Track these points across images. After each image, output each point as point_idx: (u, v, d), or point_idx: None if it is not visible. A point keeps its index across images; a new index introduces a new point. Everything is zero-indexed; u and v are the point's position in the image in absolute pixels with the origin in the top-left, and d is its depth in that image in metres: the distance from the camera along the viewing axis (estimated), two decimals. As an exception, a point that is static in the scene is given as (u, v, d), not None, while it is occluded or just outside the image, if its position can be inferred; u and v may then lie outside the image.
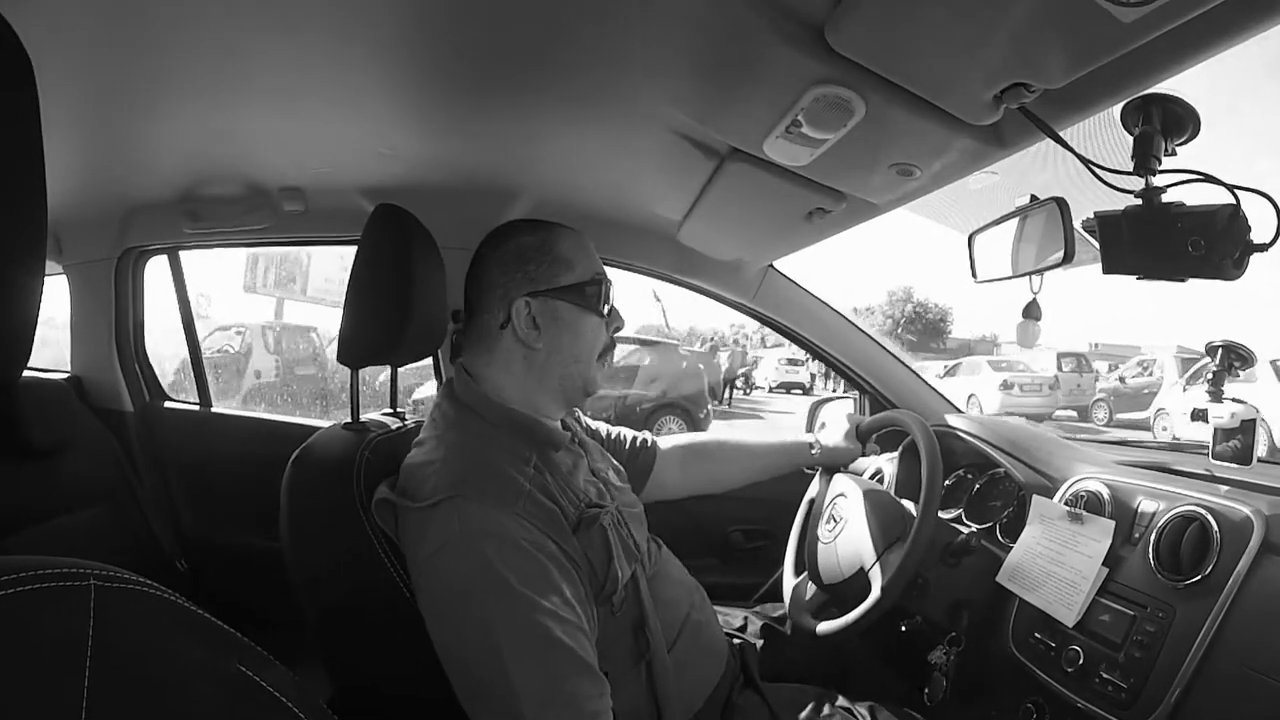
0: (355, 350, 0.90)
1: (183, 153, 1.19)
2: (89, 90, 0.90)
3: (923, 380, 1.49)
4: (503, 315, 0.80)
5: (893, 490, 1.09)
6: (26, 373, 0.37)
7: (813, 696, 0.90)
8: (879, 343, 1.49)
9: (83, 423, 1.27)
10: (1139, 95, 0.63)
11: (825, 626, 0.96)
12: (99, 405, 1.49)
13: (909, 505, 1.00)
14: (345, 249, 1.31)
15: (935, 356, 25.01)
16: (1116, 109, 0.65)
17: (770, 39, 0.61)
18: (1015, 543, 0.95)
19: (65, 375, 1.53)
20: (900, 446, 1.16)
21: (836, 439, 1.17)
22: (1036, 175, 0.85)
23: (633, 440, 1.11)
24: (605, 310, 0.85)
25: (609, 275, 0.86)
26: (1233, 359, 0.90)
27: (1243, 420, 0.87)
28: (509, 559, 0.66)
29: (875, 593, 0.91)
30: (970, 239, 0.95)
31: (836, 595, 1.01)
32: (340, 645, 0.81)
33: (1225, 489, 0.83)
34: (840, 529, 1.02)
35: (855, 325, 1.50)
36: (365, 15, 0.70)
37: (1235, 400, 0.89)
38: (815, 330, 1.48)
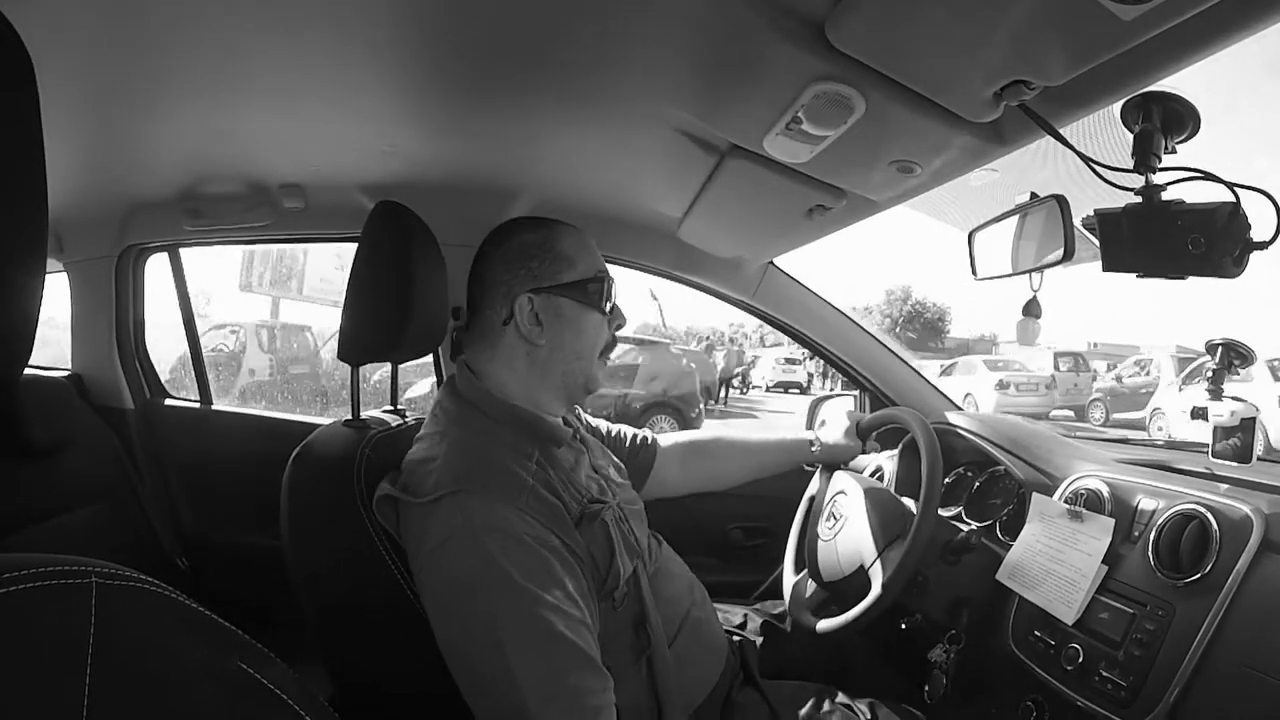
0: (355, 347, 0.90)
1: (183, 151, 1.18)
2: (89, 89, 0.90)
3: (923, 378, 1.49)
4: (505, 312, 0.80)
5: (893, 488, 1.09)
6: (27, 371, 0.37)
7: (813, 693, 0.91)
8: (879, 340, 1.49)
9: (83, 420, 1.27)
10: (1139, 93, 0.63)
11: (825, 624, 0.96)
12: (99, 403, 1.49)
13: (909, 503, 1.00)
14: (343, 248, 1.31)
15: (933, 356, 24.91)
16: (1116, 106, 0.65)
17: (770, 36, 0.61)
18: (1015, 540, 0.95)
19: (66, 373, 1.53)
20: (900, 444, 1.16)
21: (837, 436, 1.17)
22: (1037, 172, 0.85)
23: (633, 438, 1.11)
24: (607, 307, 0.85)
25: (610, 273, 0.86)
26: (1233, 357, 0.90)
27: (1243, 418, 0.87)
28: (512, 553, 0.66)
29: (875, 590, 0.91)
30: (970, 236, 0.95)
31: (836, 593, 1.01)
32: (341, 643, 0.81)
33: (1225, 487, 0.83)
34: (840, 526, 1.02)
35: (855, 322, 1.50)
36: (365, 15, 0.70)
37: (1235, 398, 0.89)
38: (815, 327, 1.48)
